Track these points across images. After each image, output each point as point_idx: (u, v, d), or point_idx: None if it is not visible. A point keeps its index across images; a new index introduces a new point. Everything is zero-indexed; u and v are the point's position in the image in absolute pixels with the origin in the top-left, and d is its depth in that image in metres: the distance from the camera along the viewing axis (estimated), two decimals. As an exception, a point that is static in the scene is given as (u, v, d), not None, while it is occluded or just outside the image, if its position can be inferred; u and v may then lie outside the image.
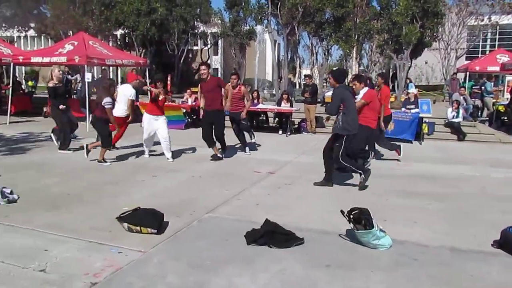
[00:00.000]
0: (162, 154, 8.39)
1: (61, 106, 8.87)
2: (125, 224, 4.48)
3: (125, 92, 8.37)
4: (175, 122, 12.60)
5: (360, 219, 4.29)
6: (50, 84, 8.91)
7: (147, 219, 4.47)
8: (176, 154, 8.56)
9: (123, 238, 4.30)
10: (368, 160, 8.01)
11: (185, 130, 13.00)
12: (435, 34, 22.64)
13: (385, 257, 4.04)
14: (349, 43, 22.83)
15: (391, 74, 27.12)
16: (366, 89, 7.62)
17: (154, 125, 8.25)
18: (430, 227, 4.88)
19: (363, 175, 6.45)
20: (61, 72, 9.39)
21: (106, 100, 7.73)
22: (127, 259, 3.86)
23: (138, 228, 4.42)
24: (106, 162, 7.81)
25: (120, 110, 8.27)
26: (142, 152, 8.68)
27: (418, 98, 13.53)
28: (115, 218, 4.61)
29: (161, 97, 8.21)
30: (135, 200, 5.50)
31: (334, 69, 6.68)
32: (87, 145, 8.04)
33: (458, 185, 6.93)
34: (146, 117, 8.36)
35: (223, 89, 8.58)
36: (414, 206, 5.74)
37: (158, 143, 8.41)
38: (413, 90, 16.01)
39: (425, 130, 12.33)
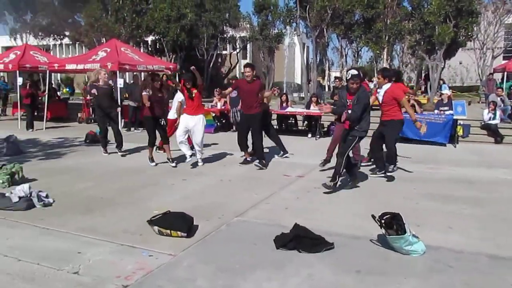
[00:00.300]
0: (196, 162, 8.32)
1: (93, 91, 8.91)
2: (156, 228, 4.52)
3: (177, 97, 9.04)
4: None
5: (392, 224, 4.20)
6: (95, 83, 9.04)
7: (177, 223, 4.51)
8: (205, 158, 8.60)
9: (153, 242, 4.34)
10: (394, 167, 7.47)
11: (215, 134, 13.07)
12: (470, 33, 21.97)
13: (419, 263, 3.94)
14: (380, 45, 22.48)
15: (423, 75, 26.60)
16: (389, 84, 7.31)
17: (189, 124, 8.00)
18: (466, 233, 4.74)
19: (336, 182, 6.32)
20: (107, 75, 9.38)
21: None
22: (158, 262, 3.89)
23: (168, 231, 4.46)
24: (153, 161, 8.18)
25: (172, 113, 9.20)
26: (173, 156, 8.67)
27: (452, 100, 13.19)
28: (146, 221, 4.67)
29: (194, 93, 7.92)
30: (166, 203, 5.55)
31: (352, 71, 6.24)
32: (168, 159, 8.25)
33: (496, 189, 6.70)
34: (183, 116, 8.18)
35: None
36: (448, 210, 5.58)
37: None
38: (446, 91, 15.64)
39: (460, 132, 12.00)
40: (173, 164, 8.10)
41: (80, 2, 29.92)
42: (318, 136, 12.49)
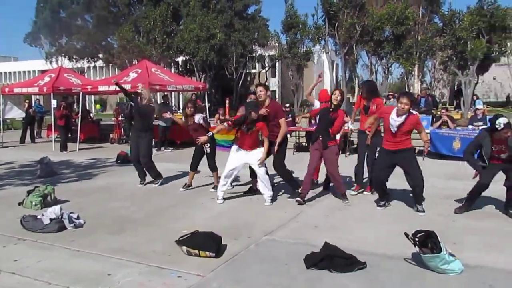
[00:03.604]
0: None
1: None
2: (184, 248, 4.50)
3: None
4: (226, 146, 11.99)
5: (427, 242, 4.07)
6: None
7: (205, 243, 4.47)
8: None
9: (182, 262, 4.31)
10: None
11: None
12: (503, 49, 21.58)
13: (456, 282, 3.79)
14: (410, 61, 22.18)
15: (452, 89, 26.11)
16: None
17: (242, 159, 6.72)
18: (506, 251, 4.55)
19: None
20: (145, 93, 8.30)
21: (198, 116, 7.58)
22: (186, 283, 3.85)
23: (196, 251, 4.42)
24: (185, 187, 7.82)
25: None
26: (201, 176, 8.51)
27: (487, 115, 12.82)
28: (174, 241, 4.65)
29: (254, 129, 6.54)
30: (194, 223, 5.54)
31: (503, 120, 5.73)
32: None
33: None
34: (234, 149, 6.83)
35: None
36: (487, 228, 5.38)
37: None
38: (481, 107, 15.24)
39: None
40: (213, 190, 7.49)
41: (113, 25, 30.86)
42: (348, 153, 12.31)
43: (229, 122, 7.06)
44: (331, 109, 6.64)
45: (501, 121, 5.71)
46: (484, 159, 6.04)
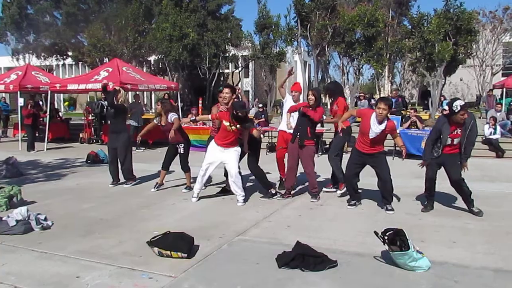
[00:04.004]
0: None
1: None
2: (156, 249, 4.45)
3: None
4: (199, 146, 12.00)
5: (395, 240, 4.15)
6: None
7: (177, 243, 4.43)
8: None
9: (153, 263, 4.27)
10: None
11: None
12: (469, 51, 22.24)
13: (424, 279, 3.87)
14: (381, 62, 22.59)
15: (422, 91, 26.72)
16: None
17: (218, 155, 6.73)
18: (471, 247, 4.68)
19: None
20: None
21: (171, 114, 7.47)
22: (158, 284, 3.82)
23: (168, 252, 4.38)
24: (156, 187, 7.74)
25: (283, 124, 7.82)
26: (173, 176, 8.61)
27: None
28: (145, 242, 4.60)
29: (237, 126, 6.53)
30: (166, 224, 5.50)
31: (460, 102, 5.85)
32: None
33: (500, 204, 6.64)
34: (211, 145, 6.85)
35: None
36: (452, 225, 5.52)
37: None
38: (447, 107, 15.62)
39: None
40: (186, 191, 7.59)
41: (83, 22, 30.23)
42: (320, 153, 12.44)
43: (214, 116, 6.93)
44: (310, 109, 6.72)
45: (458, 104, 5.79)
46: (440, 146, 6.05)
